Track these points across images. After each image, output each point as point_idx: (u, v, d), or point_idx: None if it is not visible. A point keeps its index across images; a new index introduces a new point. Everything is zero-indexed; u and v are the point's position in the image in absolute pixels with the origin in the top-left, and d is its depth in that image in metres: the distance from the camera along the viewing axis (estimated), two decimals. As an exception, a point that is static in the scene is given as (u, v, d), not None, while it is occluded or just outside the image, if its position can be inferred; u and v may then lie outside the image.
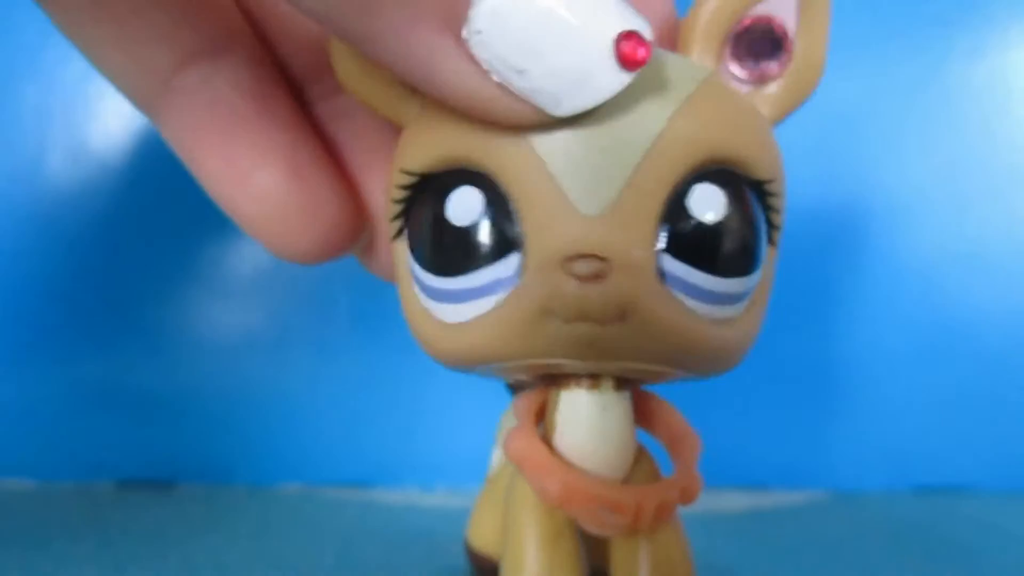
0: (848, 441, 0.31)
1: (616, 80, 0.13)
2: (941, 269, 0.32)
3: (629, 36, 0.13)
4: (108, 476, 0.30)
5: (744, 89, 0.16)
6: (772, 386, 0.31)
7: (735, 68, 0.16)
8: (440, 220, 0.14)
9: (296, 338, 0.32)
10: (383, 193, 0.18)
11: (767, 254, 0.15)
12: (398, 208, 0.15)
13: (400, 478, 0.31)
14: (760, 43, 0.16)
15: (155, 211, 0.31)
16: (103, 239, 0.31)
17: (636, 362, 0.15)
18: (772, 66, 0.16)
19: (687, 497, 0.16)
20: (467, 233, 0.14)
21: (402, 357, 0.31)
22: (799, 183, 0.31)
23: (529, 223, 0.14)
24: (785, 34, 0.16)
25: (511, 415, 0.20)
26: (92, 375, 0.31)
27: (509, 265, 0.14)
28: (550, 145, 0.14)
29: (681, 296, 0.14)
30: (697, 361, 0.15)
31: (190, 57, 0.18)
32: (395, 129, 0.16)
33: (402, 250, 0.15)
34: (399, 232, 0.15)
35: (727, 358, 0.15)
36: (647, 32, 0.13)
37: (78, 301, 0.31)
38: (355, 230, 0.19)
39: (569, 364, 0.15)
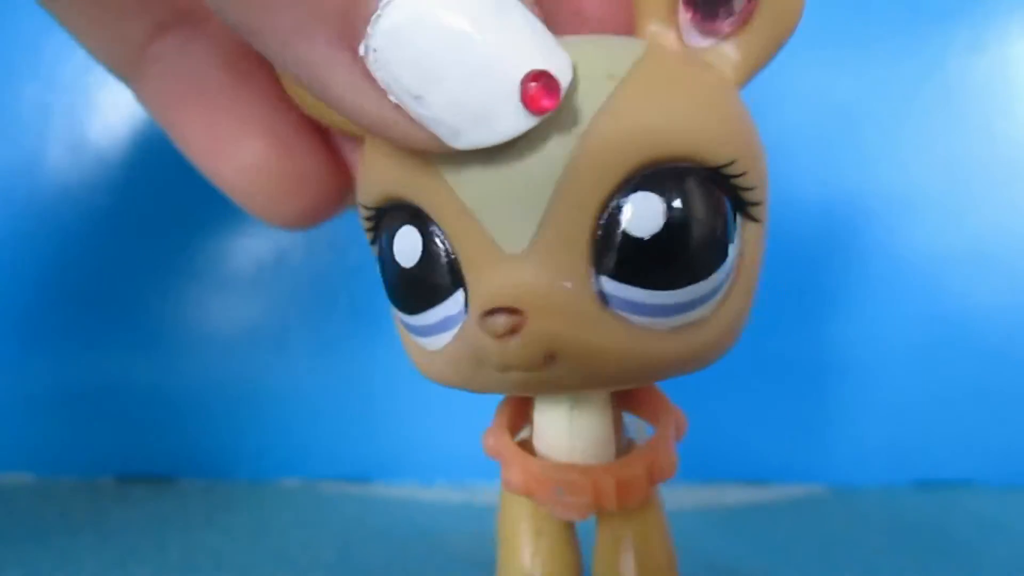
0: (847, 436, 0.31)
1: (519, 122, 0.12)
2: (941, 264, 0.32)
3: (538, 77, 0.12)
4: (108, 471, 0.30)
5: (705, 44, 0.14)
6: (771, 380, 0.31)
7: (693, 21, 0.14)
8: (392, 262, 0.14)
9: (296, 333, 0.31)
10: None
11: (744, 238, 0.14)
12: (370, 236, 0.15)
13: (400, 473, 0.31)
14: None
15: (155, 206, 0.31)
16: (103, 234, 0.31)
17: (588, 387, 0.14)
18: (735, 15, 0.14)
19: (657, 473, 0.15)
20: (413, 274, 0.14)
21: (401, 352, 0.30)
22: (799, 179, 0.32)
23: (463, 262, 0.13)
24: None
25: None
26: (92, 370, 0.31)
27: (457, 302, 0.14)
28: (460, 175, 0.13)
29: (628, 315, 0.13)
30: (660, 372, 0.14)
31: (166, 26, 0.18)
32: None
33: None
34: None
35: (700, 359, 0.14)
36: (562, 72, 0.12)
37: (79, 296, 0.31)
38: (341, 195, 0.19)
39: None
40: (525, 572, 0.16)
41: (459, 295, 0.14)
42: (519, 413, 0.16)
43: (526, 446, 0.16)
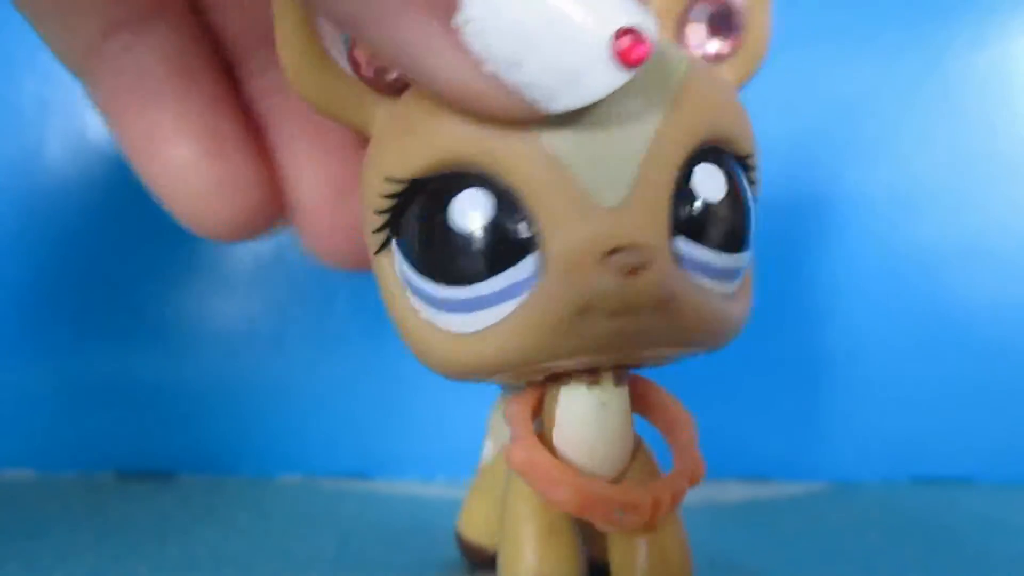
0: (848, 432, 0.31)
1: (613, 78, 0.12)
2: (941, 260, 0.32)
3: (628, 32, 0.12)
4: (108, 467, 0.30)
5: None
6: (771, 378, 0.31)
7: (694, 46, 0.16)
8: (445, 227, 0.14)
9: (296, 330, 0.32)
10: (309, 176, 0.19)
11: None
12: (382, 219, 0.14)
13: (400, 469, 0.31)
14: (715, 20, 0.16)
15: (155, 203, 0.31)
16: (103, 231, 0.31)
17: (665, 348, 0.14)
18: (728, 42, 0.16)
19: (695, 480, 0.16)
20: (477, 239, 0.13)
21: (401, 349, 0.30)
22: (799, 174, 0.32)
23: (546, 220, 0.13)
24: (737, 9, 0.16)
25: (501, 407, 0.20)
26: (93, 366, 0.31)
27: (528, 265, 0.13)
28: (559, 136, 0.13)
29: (698, 277, 0.14)
30: (712, 339, 0.15)
31: (117, 25, 0.18)
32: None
33: (387, 264, 0.15)
34: (384, 244, 0.15)
35: (732, 332, 0.15)
36: (650, 28, 0.12)
37: (78, 292, 0.31)
38: (275, 211, 0.19)
39: (590, 360, 0.15)
40: (540, 573, 0.16)
41: (531, 258, 0.13)
42: (533, 416, 0.16)
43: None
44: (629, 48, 0.12)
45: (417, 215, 0.14)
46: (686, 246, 0.14)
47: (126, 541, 0.22)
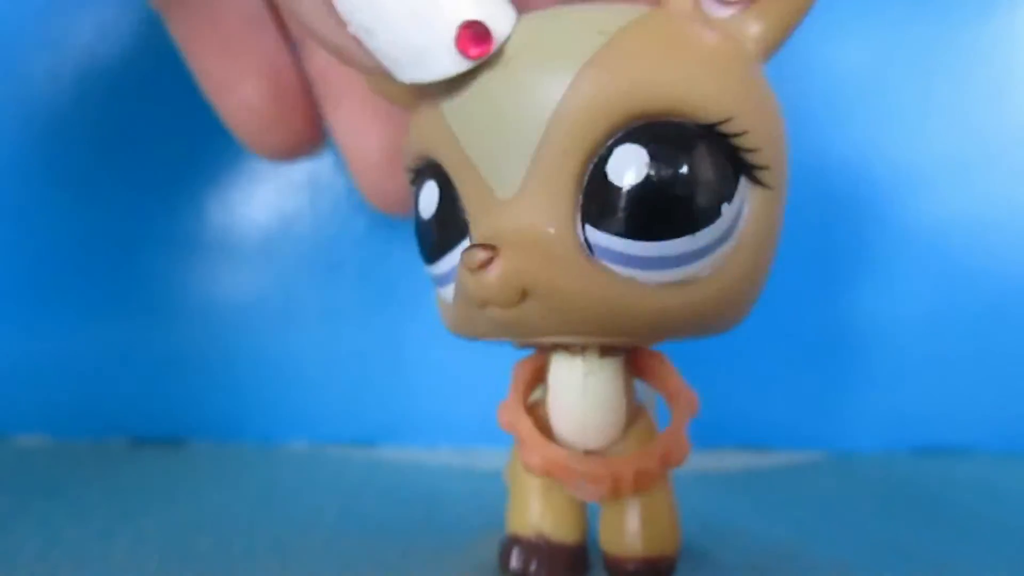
0: (848, 402, 0.31)
1: (455, 64, 0.13)
2: (943, 230, 0.31)
3: (471, 26, 0.13)
4: (122, 433, 0.31)
5: (724, 14, 0.14)
6: (773, 347, 0.31)
7: None
8: (418, 214, 0.16)
9: (304, 299, 0.32)
10: (360, 138, 0.23)
11: (751, 204, 0.14)
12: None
13: (405, 437, 0.31)
14: None
15: (167, 174, 0.31)
16: (117, 200, 0.31)
17: (569, 334, 0.14)
18: None
19: (669, 462, 0.16)
20: (430, 224, 0.15)
21: (408, 318, 0.31)
22: (806, 147, 0.31)
23: (468, 210, 0.15)
24: None
25: None
26: (107, 336, 0.31)
27: (461, 251, 0.15)
28: (463, 126, 0.14)
29: (613, 266, 0.13)
30: (648, 328, 0.14)
31: None
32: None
33: None
34: None
35: (695, 323, 0.14)
36: (498, 23, 0.13)
37: (93, 262, 0.31)
38: (319, 140, 0.24)
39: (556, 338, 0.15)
40: (534, 527, 0.17)
41: (465, 243, 0.15)
42: (533, 381, 0.17)
43: (538, 408, 0.16)
44: (469, 42, 0.13)
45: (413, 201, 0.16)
46: (595, 235, 0.13)
47: (136, 502, 0.23)
